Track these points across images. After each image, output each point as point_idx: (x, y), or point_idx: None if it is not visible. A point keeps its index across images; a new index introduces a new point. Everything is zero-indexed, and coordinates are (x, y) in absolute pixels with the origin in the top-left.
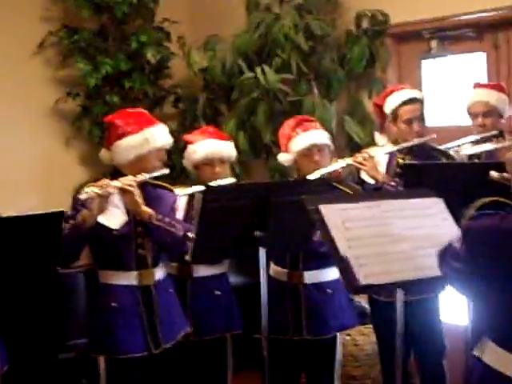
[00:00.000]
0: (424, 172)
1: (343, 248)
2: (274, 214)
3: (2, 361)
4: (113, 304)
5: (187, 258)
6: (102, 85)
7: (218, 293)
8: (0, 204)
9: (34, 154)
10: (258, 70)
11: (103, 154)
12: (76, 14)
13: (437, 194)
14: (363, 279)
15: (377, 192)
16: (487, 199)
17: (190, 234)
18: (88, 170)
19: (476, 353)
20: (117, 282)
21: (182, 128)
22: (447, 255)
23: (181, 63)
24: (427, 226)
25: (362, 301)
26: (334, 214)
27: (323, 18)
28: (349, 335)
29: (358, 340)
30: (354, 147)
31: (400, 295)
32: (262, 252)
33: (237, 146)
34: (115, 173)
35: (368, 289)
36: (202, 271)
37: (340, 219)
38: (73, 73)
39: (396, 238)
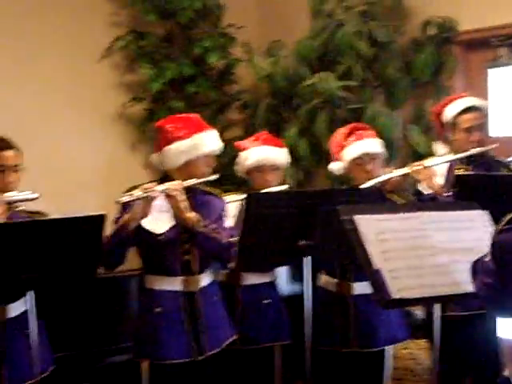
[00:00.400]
0: (476, 183)
1: (377, 260)
2: (320, 223)
3: (47, 362)
4: (157, 309)
5: (232, 264)
6: (166, 89)
7: (266, 301)
8: (66, 204)
9: (101, 156)
10: (319, 76)
11: (153, 158)
12: (143, 19)
13: (487, 206)
14: (396, 293)
15: (417, 203)
16: None
17: (234, 241)
18: (153, 173)
19: (506, 373)
20: (161, 288)
21: (246, 134)
22: (478, 270)
23: (247, 69)
24: (469, 239)
25: (419, 313)
26: (368, 225)
27: (388, 25)
28: (406, 348)
29: (415, 354)
30: (417, 157)
31: (437, 310)
32: (307, 261)
33: (298, 154)
34: (165, 177)
35: (400, 303)
36: (251, 279)
37: (375, 230)
38: (139, 77)
39: (434, 251)
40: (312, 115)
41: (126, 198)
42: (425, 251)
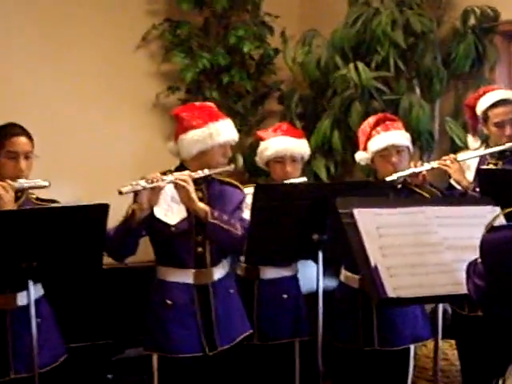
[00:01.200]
0: (499, 178)
1: (374, 256)
2: (332, 216)
3: (58, 352)
4: (167, 301)
5: (242, 258)
6: (200, 79)
7: (285, 296)
8: (99, 192)
9: (136, 146)
10: (351, 66)
11: (170, 147)
12: (179, 7)
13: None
14: (392, 291)
15: (424, 198)
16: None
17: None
18: None
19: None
20: (173, 279)
21: None
22: (471, 271)
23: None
24: (477, 236)
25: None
26: (368, 219)
27: (425, 14)
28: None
29: (448, 354)
30: (456, 150)
31: (440, 310)
32: (321, 256)
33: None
34: (180, 167)
35: (397, 302)
36: (270, 273)
37: (374, 225)
38: (174, 67)
39: (437, 249)
40: (346, 106)
41: (127, 188)
42: (427, 248)
